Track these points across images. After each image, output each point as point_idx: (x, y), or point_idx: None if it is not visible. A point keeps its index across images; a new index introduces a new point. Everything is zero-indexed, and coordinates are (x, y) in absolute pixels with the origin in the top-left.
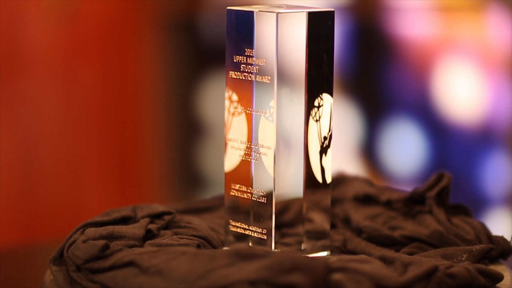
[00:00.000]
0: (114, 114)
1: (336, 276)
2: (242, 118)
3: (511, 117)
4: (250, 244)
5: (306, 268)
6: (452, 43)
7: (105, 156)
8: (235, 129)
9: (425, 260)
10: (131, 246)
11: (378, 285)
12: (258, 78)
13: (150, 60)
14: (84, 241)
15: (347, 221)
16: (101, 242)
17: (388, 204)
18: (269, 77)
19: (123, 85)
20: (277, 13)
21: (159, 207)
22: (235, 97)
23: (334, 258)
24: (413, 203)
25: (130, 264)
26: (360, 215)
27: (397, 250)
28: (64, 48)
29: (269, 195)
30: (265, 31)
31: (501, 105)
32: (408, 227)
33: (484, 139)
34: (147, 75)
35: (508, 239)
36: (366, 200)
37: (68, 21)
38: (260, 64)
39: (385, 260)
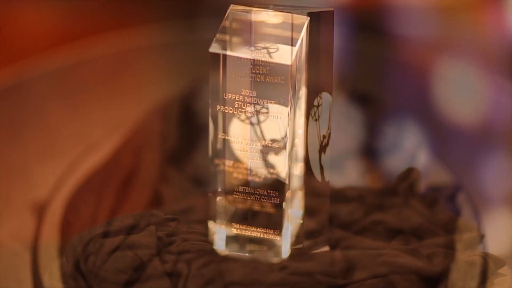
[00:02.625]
0: (113, 113)
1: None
2: (243, 119)
3: (511, 117)
4: (249, 245)
5: (365, 265)
6: (452, 43)
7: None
8: (236, 130)
9: (444, 251)
10: (151, 255)
11: (420, 275)
12: (269, 79)
13: (150, 59)
14: (108, 253)
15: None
16: (131, 253)
17: (359, 199)
18: (283, 77)
19: (123, 85)
20: (292, 14)
21: (160, 214)
22: (237, 97)
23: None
24: (384, 197)
25: (170, 274)
26: (338, 211)
27: (387, 243)
28: (63, 46)
29: (281, 196)
30: (271, 31)
31: (501, 105)
32: (389, 220)
33: (484, 139)
34: (147, 74)
35: (476, 226)
36: (336, 197)
37: (67, 21)
38: (271, 64)
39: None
